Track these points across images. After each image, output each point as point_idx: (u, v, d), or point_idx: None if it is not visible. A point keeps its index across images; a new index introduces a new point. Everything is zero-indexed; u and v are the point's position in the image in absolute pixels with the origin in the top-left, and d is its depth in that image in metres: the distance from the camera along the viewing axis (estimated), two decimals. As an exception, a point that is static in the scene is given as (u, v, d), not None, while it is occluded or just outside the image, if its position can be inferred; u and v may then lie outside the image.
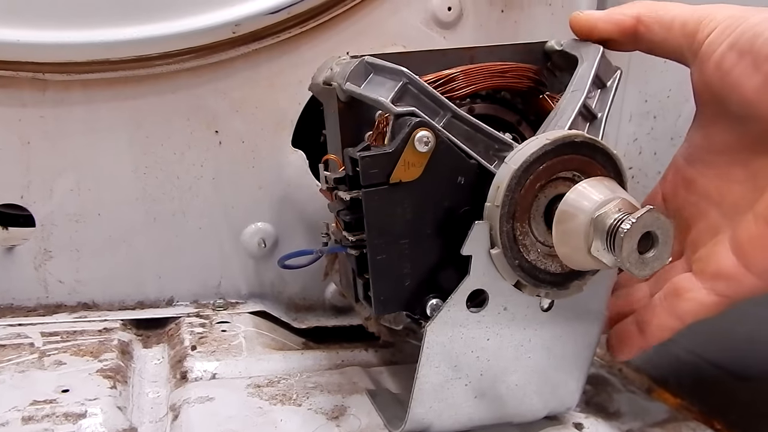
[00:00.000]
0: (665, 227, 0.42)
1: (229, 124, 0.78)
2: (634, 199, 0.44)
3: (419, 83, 0.49)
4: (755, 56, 0.45)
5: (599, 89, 0.54)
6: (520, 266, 0.48)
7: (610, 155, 0.47)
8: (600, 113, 0.53)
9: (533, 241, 0.48)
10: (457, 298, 0.48)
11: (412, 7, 0.80)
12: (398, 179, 0.48)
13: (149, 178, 0.77)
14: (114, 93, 0.74)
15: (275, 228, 0.81)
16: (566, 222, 0.45)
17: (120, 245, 0.78)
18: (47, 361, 0.63)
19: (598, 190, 0.44)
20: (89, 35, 0.70)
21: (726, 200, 0.52)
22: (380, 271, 0.50)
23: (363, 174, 0.47)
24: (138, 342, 0.73)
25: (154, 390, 0.64)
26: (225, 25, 0.73)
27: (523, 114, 0.58)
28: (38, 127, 0.73)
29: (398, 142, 0.47)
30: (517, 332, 0.52)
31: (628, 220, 0.41)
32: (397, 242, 0.49)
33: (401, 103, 0.48)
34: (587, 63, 0.54)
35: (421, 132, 0.47)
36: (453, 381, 0.51)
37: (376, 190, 0.48)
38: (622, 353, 0.56)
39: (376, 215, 0.48)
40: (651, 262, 0.42)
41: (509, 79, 0.55)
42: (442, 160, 0.48)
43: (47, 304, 0.77)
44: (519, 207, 0.46)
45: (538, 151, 0.46)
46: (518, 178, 0.46)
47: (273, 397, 0.59)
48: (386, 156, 0.47)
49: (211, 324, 0.76)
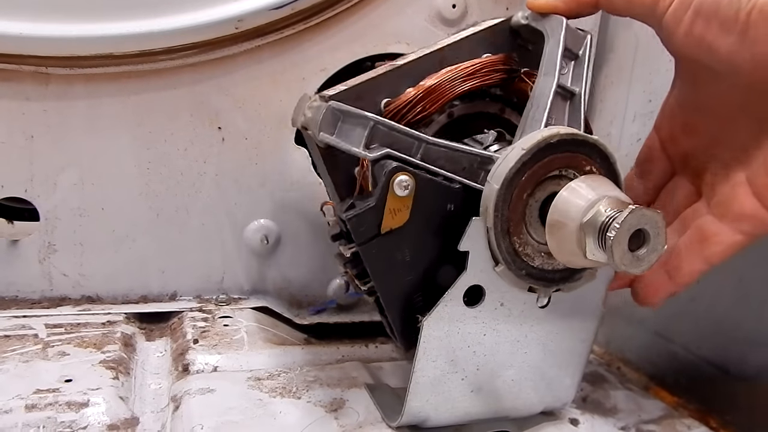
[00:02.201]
0: (653, 220, 0.42)
1: (232, 121, 0.78)
2: (619, 191, 0.44)
3: (387, 123, 0.50)
4: (722, 20, 0.45)
5: (572, 61, 0.53)
6: (528, 275, 0.48)
7: (592, 143, 0.47)
8: (577, 88, 0.52)
9: (535, 247, 0.48)
10: (454, 294, 0.49)
11: (416, 5, 0.80)
12: (389, 228, 0.49)
13: (152, 174, 0.77)
14: (117, 88, 0.74)
15: (278, 225, 0.82)
16: (557, 232, 0.45)
17: (123, 240, 0.78)
18: (51, 352, 0.64)
19: (581, 194, 0.44)
20: (93, 29, 0.70)
21: (735, 142, 0.51)
22: (396, 311, 0.52)
23: (354, 233, 0.49)
24: (141, 335, 0.74)
25: (156, 381, 0.64)
26: (228, 21, 0.73)
27: (504, 100, 0.58)
28: (41, 122, 0.73)
29: (378, 193, 0.48)
30: (513, 328, 0.52)
31: (614, 227, 0.41)
32: (404, 281, 0.51)
33: (374, 145, 0.49)
34: (553, 39, 0.53)
35: (399, 177, 0.48)
36: (450, 375, 0.52)
37: (371, 244, 0.49)
38: (650, 301, 0.56)
39: (378, 265, 0.50)
40: (646, 256, 0.42)
41: (480, 78, 0.55)
42: (426, 196, 0.49)
43: (51, 297, 0.77)
44: (511, 222, 0.47)
45: (516, 165, 0.46)
46: (503, 195, 0.46)
47: (273, 390, 0.60)
48: (371, 211, 0.48)
49: (213, 318, 0.76)
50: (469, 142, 0.55)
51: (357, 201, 0.51)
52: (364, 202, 0.49)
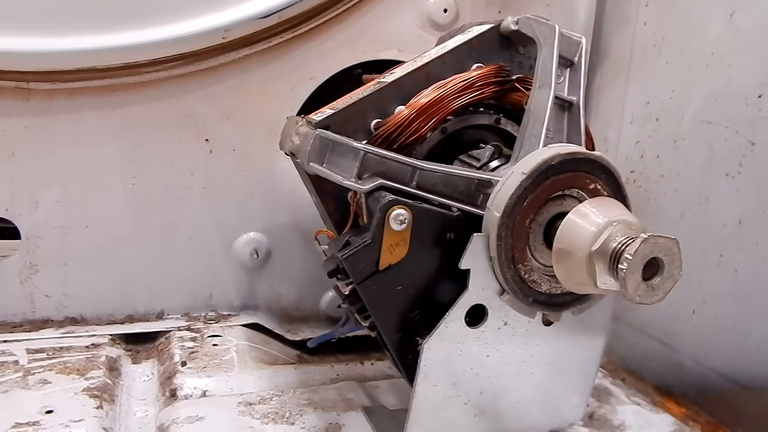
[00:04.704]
0: (667, 247, 0.39)
1: (220, 132, 0.76)
2: (628, 213, 0.41)
3: (377, 152, 0.47)
4: None
5: (568, 68, 0.51)
6: (536, 302, 0.46)
7: (594, 160, 0.45)
8: (575, 97, 0.50)
9: (541, 272, 0.46)
10: (456, 314, 0.47)
11: (407, 10, 0.78)
12: (387, 264, 0.46)
13: (138, 189, 0.75)
14: (101, 101, 0.72)
15: (268, 238, 0.79)
16: (565, 260, 0.42)
17: (108, 257, 0.76)
18: (32, 380, 0.61)
19: (588, 219, 0.41)
20: (74, 42, 0.68)
21: None
22: (401, 349, 0.49)
23: (351, 273, 0.46)
24: (127, 357, 0.71)
25: (142, 408, 0.62)
26: (214, 31, 0.71)
27: (499, 109, 0.56)
28: (23, 138, 0.71)
29: (374, 229, 0.45)
30: (518, 348, 0.50)
31: (626, 258, 0.38)
32: (408, 316, 0.48)
33: (366, 175, 0.47)
34: (547, 48, 0.51)
35: (396, 211, 0.45)
36: (452, 399, 0.49)
37: (370, 281, 0.46)
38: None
39: (378, 303, 0.47)
40: (661, 285, 0.40)
41: (473, 93, 0.53)
42: (424, 227, 0.47)
43: (34, 320, 0.74)
44: (515, 249, 0.44)
45: (517, 191, 0.43)
46: (505, 223, 0.44)
47: (265, 416, 0.57)
48: (367, 248, 0.46)
49: (202, 338, 0.74)
50: (465, 159, 0.52)
51: (352, 237, 0.48)
52: (360, 238, 0.46)
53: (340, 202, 0.56)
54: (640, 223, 0.41)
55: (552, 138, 0.47)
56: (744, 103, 0.60)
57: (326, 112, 0.52)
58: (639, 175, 0.74)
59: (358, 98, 0.53)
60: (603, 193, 0.44)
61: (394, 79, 0.54)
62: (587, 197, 0.44)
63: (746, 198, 0.60)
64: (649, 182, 0.72)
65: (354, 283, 0.46)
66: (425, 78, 0.54)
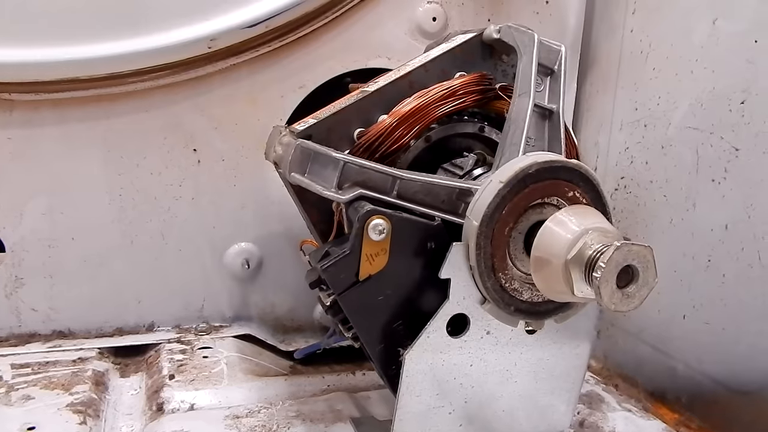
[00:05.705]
0: (641, 255, 0.39)
1: (208, 142, 0.75)
2: (604, 221, 0.41)
3: (357, 162, 0.47)
4: None
5: (548, 76, 0.51)
6: (518, 310, 0.45)
7: (572, 168, 0.45)
8: (555, 105, 0.50)
9: (522, 280, 0.45)
10: (437, 324, 0.46)
11: (396, 19, 0.78)
12: (367, 274, 0.46)
13: (125, 200, 0.74)
14: (86, 112, 0.71)
15: (259, 248, 0.79)
16: (543, 268, 0.42)
17: (96, 270, 0.75)
18: (15, 396, 0.60)
19: (566, 226, 0.41)
20: (57, 53, 0.67)
21: None
22: (384, 360, 0.49)
23: (331, 283, 0.46)
24: (115, 371, 0.70)
25: (128, 424, 0.61)
26: (200, 40, 0.70)
27: (484, 117, 0.56)
28: (6, 150, 0.70)
29: (353, 239, 0.45)
30: (501, 357, 0.49)
31: (599, 266, 0.38)
32: (390, 327, 0.48)
33: (347, 185, 0.46)
34: (526, 56, 0.51)
35: (374, 221, 0.45)
36: (436, 409, 0.49)
37: (350, 292, 0.46)
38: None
39: (359, 314, 0.47)
40: (636, 292, 0.39)
41: (455, 101, 0.53)
42: (404, 237, 0.46)
43: (20, 334, 0.74)
44: (495, 258, 0.44)
45: (495, 199, 0.43)
46: (484, 232, 0.43)
47: (252, 429, 0.57)
48: (347, 258, 0.45)
49: (192, 350, 0.73)
50: (449, 167, 0.52)
51: (332, 248, 0.48)
52: (339, 248, 0.46)
53: (324, 212, 0.55)
54: (617, 231, 0.41)
55: (533, 146, 0.47)
56: (728, 109, 0.60)
57: (309, 121, 0.52)
58: (629, 181, 0.73)
59: (341, 107, 0.53)
60: (582, 201, 0.44)
61: (378, 87, 0.54)
62: (567, 205, 0.44)
63: (732, 203, 0.60)
64: (638, 188, 0.72)
65: (334, 294, 0.46)
66: (408, 87, 0.54)
